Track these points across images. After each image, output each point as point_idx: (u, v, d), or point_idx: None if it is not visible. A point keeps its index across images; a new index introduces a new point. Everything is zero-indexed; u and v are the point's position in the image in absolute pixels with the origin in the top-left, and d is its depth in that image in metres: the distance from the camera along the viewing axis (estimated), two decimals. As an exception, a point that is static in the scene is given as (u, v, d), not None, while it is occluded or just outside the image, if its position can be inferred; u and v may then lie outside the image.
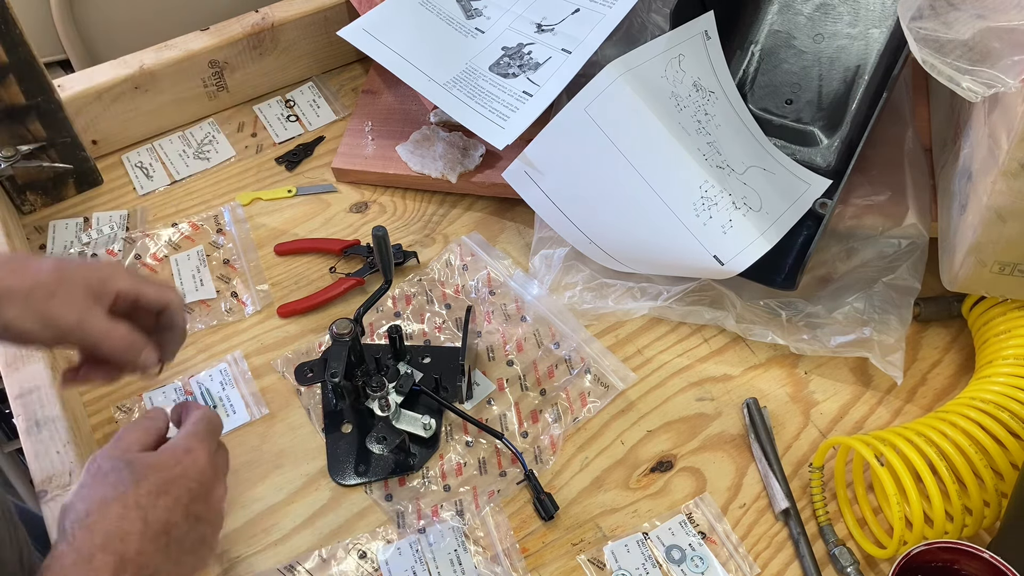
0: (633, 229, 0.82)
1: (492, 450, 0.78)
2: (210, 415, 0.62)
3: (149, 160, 1.01)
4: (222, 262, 0.91)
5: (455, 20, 0.96)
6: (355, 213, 0.95)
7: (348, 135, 0.99)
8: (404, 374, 0.79)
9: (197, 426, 0.61)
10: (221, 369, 0.83)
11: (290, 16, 1.02)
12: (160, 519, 0.55)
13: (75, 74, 0.97)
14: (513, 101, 0.88)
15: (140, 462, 0.57)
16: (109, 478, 0.56)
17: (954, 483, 0.67)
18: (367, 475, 0.76)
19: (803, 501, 0.75)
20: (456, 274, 0.90)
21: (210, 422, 0.62)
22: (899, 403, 0.81)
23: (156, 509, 0.55)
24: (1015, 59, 0.62)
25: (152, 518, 0.54)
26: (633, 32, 0.95)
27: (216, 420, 0.63)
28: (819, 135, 0.89)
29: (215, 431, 0.62)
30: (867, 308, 0.82)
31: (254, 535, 0.74)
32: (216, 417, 0.63)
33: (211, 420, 0.62)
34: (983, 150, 0.71)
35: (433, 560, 0.72)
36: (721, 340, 0.85)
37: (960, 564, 0.63)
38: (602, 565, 0.72)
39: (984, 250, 0.71)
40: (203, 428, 0.61)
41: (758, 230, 0.81)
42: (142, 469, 0.56)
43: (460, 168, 0.93)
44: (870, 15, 0.90)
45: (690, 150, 0.82)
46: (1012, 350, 0.74)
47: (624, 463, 0.77)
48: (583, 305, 0.86)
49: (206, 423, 0.61)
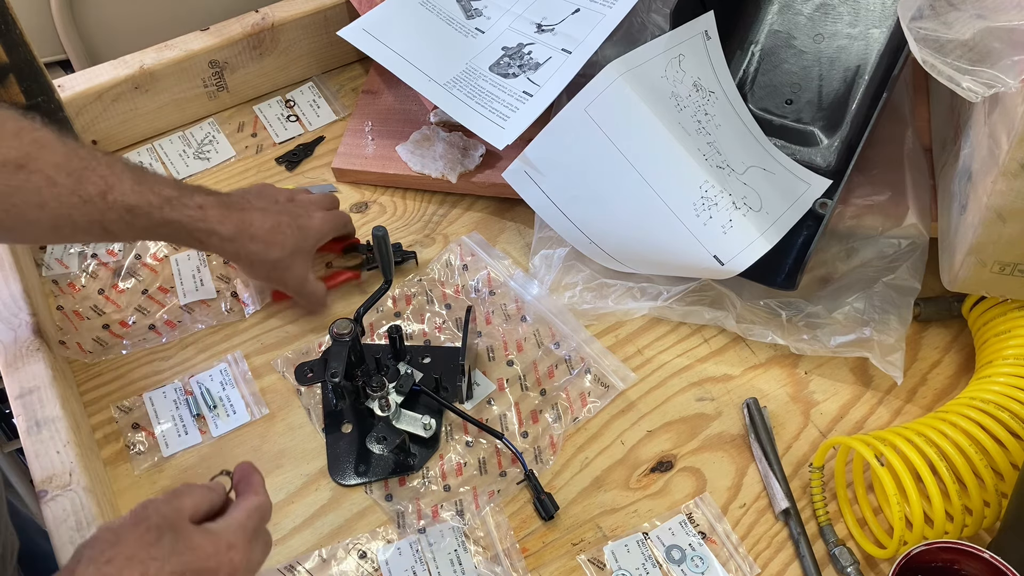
0: (633, 229, 0.82)
1: (492, 450, 0.78)
2: (264, 507, 0.60)
3: (149, 160, 1.01)
4: (222, 262, 0.91)
5: (455, 20, 0.96)
6: (355, 213, 0.95)
7: (348, 135, 0.99)
8: (404, 374, 0.79)
9: (250, 519, 0.59)
10: (221, 369, 0.83)
11: (290, 16, 1.02)
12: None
13: (75, 74, 0.97)
14: (513, 101, 0.88)
15: (185, 536, 0.54)
16: (148, 536, 0.53)
17: (954, 483, 0.67)
18: (367, 475, 0.76)
19: (803, 501, 0.75)
20: (456, 274, 0.90)
21: (262, 516, 0.60)
22: (899, 403, 0.81)
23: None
24: (1015, 59, 0.62)
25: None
26: (633, 32, 0.95)
27: (267, 512, 0.61)
28: (819, 135, 0.89)
29: (262, 526, 0.60)
30: (867, 308, 0.82)
31: (254, 535, 0.74)
32: (268, 508, 0.61)
33: (263, 513, 0.60)
34: (983, 150, 0.71)
35: (433, 560, 0.72)
36: (721, 340, 0.85)
37: (960, 564, 0.63)
38: (602, 565, 0.72)
39: (984, 250, 0.71)
40: (253, 523, 0.59)
41: (758, 230, 0.81)
42: (183, 545, 0.54)
43: (460, 168, 0.93)
44: (870, 15, 0.90)
45: (690, 150, 0.82)
46: (1012, 350, 0.74)
47: (624, 463, 0.78)
48: (583, 305, 0.86)
49: (259, 516, 0.59)
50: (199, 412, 0.81)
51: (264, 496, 0.61)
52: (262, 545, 0.60)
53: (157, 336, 0.86)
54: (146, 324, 0.87)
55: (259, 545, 0.60)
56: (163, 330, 0.86)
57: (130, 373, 0.84)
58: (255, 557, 0.59)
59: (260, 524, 0.59)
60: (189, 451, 0.79)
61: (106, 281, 0.90)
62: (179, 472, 0.78)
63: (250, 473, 0.62)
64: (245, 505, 0.59)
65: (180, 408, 0.81)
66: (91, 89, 0.95)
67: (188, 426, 0.80)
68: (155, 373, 0.84)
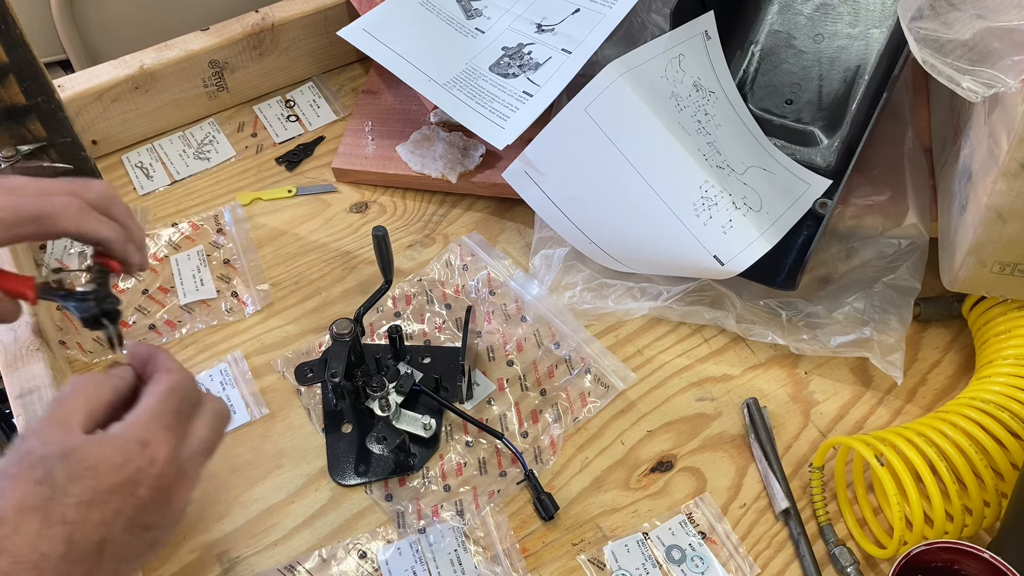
0: (633, 229, 0.82)
1: (492, 450, 0.78)
2: (181, 384, 0.49)
3: (149, 160, 1.01)
4: (222, 262, 0.91)
5: (455, 20, 0.96)
6: (355, 213, 0.95)
7: (348, 135, 0.99)
8: (404, 374, 0.79)
9: (164, 403, 0.48)
10: (221, 369, 0.83)
11: (290, 16, 1.02)
12: (91, 538, 0.44)
13: (75, 74, 0.97)
14: (513, 101, 0.88)
15: (78, 455, 0.45)
16: (35, 472, 0.44)
17: (954, 483, 0.67)
18: (367, 475, 0.77)
19: (803, 501, 0.75)
20: (456, 274, 0.90)
21: (182, 395, 0.49)
22: (899, 403, 0.81)
23: (87, 526, 0.44)
24: (1015, 59, 0.62)
25: (80, 536, 0.44)
26: (633, 32, 0.95)
27: (189, 387, 0.50)
28: (819, 135, 0.89)
29: (186, 405, 0.49)
30: (867, 308, 0.82)
31: (254, 535, 0.74)
32: (188, 382, 0.50)
33: (183, 391, 0.49)
34: (983, 150, 0.71)
35: (433, 560, 0.72)
36: (721, 340, 0.85)
37: (960, 564, 0.63)
38: (602, 565, 0.72)
39: (984, 250, 0.71)
40: (171, 405, 0.48)
41: (758, 230, 0.81)
42: (78, 466, 0.44)
43: (460, 168, 0.93)
44: (870, 15, 0.90)
45: (690, 150, 0.82)
46: (1012, 350, 0.74)
47: (624, 463, 0.78)
48: (583, 305, 0.86)
49: (177, 396, 0.49)
50: (199, 412, 0.81)
51: (179, 372, 0.50)
52: (205, 424, 0.51)
53: (157, 336, 0.86)
54: (146, 324, 0.87)
55: (198, 425, 0.50)
56: (163, 330, 0.86)
57: (130, 373, 0.83)
58: (193, 442, 0.49)
59: (183, 404, 0.49)
60: (189, 451, 0.79)
61: (106, 281, 0.90)
62: (179, 472, 0.78)
63: (152, 352, 0.51)
64: (154, 388, 0.49)
65: (180, 408, 0.81)
66: (91, 89, 0.95)
67: (188, 426, 0.80)
68: (155, 373, 0.83)
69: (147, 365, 0.52)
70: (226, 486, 0.77)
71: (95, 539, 0.44)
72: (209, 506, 0.76)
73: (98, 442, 0.46)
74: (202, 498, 0.76)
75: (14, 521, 0.43)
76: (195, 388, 0.51)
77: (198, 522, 0.75)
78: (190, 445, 0.50)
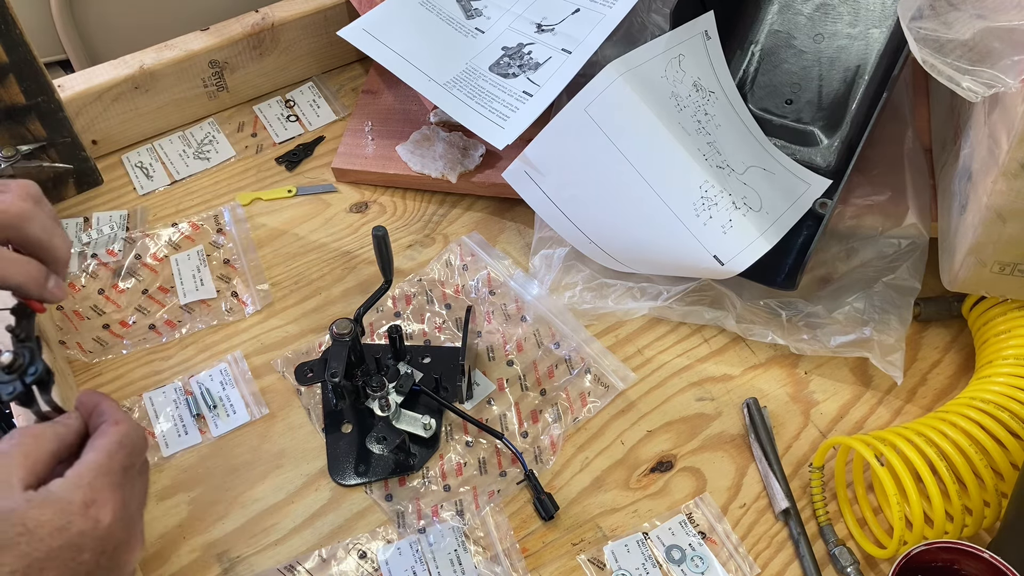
0: (633, 229, 0.82)
1: (492, 450, 0.78)
2: (129, 437, 0.45)
3: (149, 160, 1.01)
4: (222, 262, 0.91)
5: (455, 20, 0.96)
6: (355, 213, 0.95)
7: (348, 135, 0.99)
8: (404, 374, 0.79)
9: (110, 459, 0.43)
10: (221, 369, 0.83)
11: (290, 16, 1.02)
12: None
13: (75, 74, 0.97)
14: (513, 101, 0.88)
15: (12, 517, 0.40)
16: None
17: (954, 483, 0.67)
18: (367, 475, 0.76)
19: (803, 501, 0.75)
20: (456, 274, 0.90)
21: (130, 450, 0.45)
22: (899, 403, 0.81)
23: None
24: (1015, 59, 0.62)
25: None
26: (633, 32, 0.95)
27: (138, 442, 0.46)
28: (819, 135, 0.89)
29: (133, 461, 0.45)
30: (867, 308, 0.82)
31: (254, 535, 0.74)
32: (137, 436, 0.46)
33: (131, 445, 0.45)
34: (983, 150, 0.71)
35: (433, 560, 0.72)
36: (721, 340, 0.85)
37: (960, 564, 0.63)
38: (602, 565, 0.72)
39: (984, 250, 0.71)
40: (118, 461, 0.44)
41: (758, 230, 0.81)
42: (12, 531, 0.39)
43: (460, 168, 0.93)
44: (870, 15, 0.90)
45: (690, 150, 0.82)
46: (1012, 350, 0.74)
47: (624, 463, 0.78)
48: (583, 305, 0.86)
49: (125, 452, 0.44)
50: (199, 412, 0.81)
51: (126, 423, 0.46)
52: (142, 481, 0.46)
53: (157, 336, 0.86)
54: (146, 324, 0.87)
55: (136, 487, 0.46)
56: (163, 330, 0.86)
57: (130, 373, 0.84)
58: (133, 504, 0.45)
59: (129, 460, 0.45)
60: (189, 451, 0.79)
61: (106, 281, 0.90)
62: (179, 472, 0.78)
63: (97, 400, 0.47)
64: (101, 442, 0.44)
65: (180, 408, 0.81)
66: (91, 89, 0.95)
67: (188, 426, 0.80)
68: (155, 373, 0.84)
69: (93, 415, 0.47)
70: (226, 486, 0.77)
71: None
72: (209, 506, 0.76)
73: (38, 503, 0.41)
74: (202, 498, 0.76)
75: None
76: (145, 441, 0.47)
77: (198, 522, 0.75)
78: (138, 501, 0.46)
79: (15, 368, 0.48)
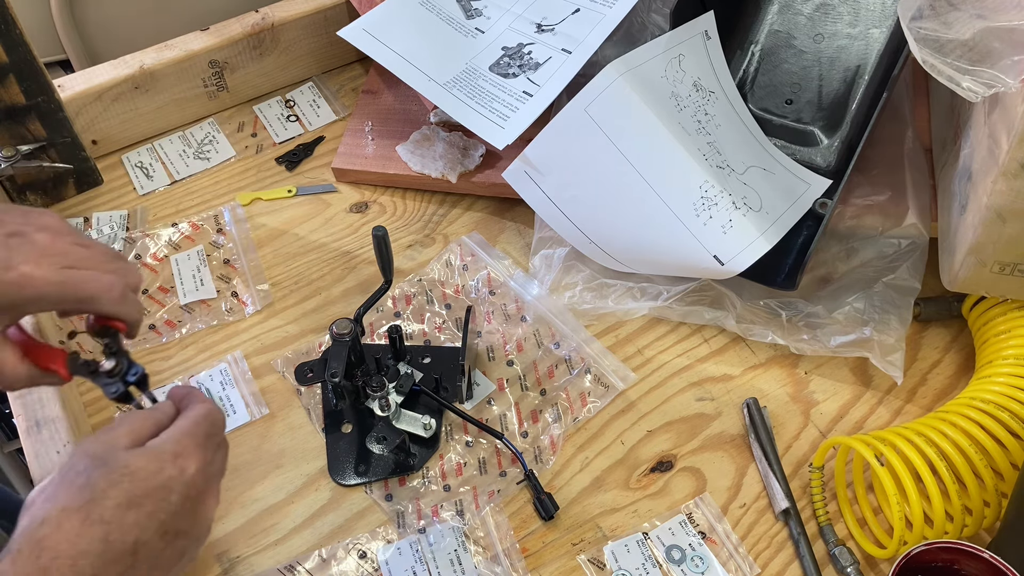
0: (633, 229, 0.82)
1: (492, 450, 0.78)
2: (213, 414, 0.55)
3: (149, 160, 1.01)
4: (222, 262, 0.91)
5: (455, 20, 0.96)
6: (355, 213, 0.95)
7: (348, 135, 0.99)
8: (404, 374, 0.79)
9: (196, 425, 0.53)
10: (221, 369, 0.83)
11: (290, 16, 1.02)
12: (126, 539, 0.48)
13: (75, 74, 0.97)
14: (513, 101, 0.88)
15: (117, 463, 0.49)
16: (79, 479, 0.48)
17: (954, 483, 0.67)
18: (367, 475, 0.77)
19: (803, 501, 0.75)
20: (456, 274, 0.90)
21: (212, 422, 0.54)
22: (899, 403, 0.81)
23: (123, 526, 0.48)
24: (1015, 59, 0.62)
25: (116, 537, 0.47)
26: (633, 32, 0.95)
27: (219, 419, 0.55)
28: (819, 135, 0.89)
29: (215, 432, 0.55)
30: (867, 308, 0.82)
31: (254, 535, 0.74)
32: (219, 415, 0.56)
33: (213, 419, 0.55)
34: (983, 150, 0.71)
35: (433, 560, 0.72)
36: (721, 340, 0.85)
37: (960, 564, 0.63)
38: (602, 565, 0.72)
39: (984, 250, 0.71)
40: (203, 429, 0.53)
41: (758, 230, 0.81)
42: (116, 473, 0.49)
43: (460, 168, 0.93)
44: (870, 15, 0.90)
45: (690, 150, 0.82)
46: (1012, 350, 0.74)
47: (624, 463, 0.78)
48: (583, 305, 0.86)
49: (208, 423, 0.54)
50: (199, 412, 0.81)
51: (211, 403, 0.56)
52: (222, 453, 0.55)
53: (157, 336, 0.86)
54: (146, 324, 0.87)
55: (218, 454, 0.55)
56: (163, 330, 0.86)
57: (130, 373, 0.84)
58: (212, 469, 0.53)
59: (212, 430, 0.54)
60: (189, 451, 0.79)
61: (106, 281, 0.90)
62: (179, 472, 0.78)
63: (187, 391, 0.57)
64: (190, 413, 0.54)
65: (180, 408, 0.81)
66: (91, 89, 0.95)
67: (188, 426, 0.80)
68: (155, 373, 0.83)
69: (183, 401, 0.57)
70: (226, 486, 0.76)
71: (130, 540, 0.48)
72: (209, 506, 0.76)
73: (136, 453, 0.51)
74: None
75: (56, 520, 0.47)
76: (224, 421, 0.57)
77: (198, 522, 0.75)
78: (217, 466, 0.55)
79: (115, 372, 0.60)
